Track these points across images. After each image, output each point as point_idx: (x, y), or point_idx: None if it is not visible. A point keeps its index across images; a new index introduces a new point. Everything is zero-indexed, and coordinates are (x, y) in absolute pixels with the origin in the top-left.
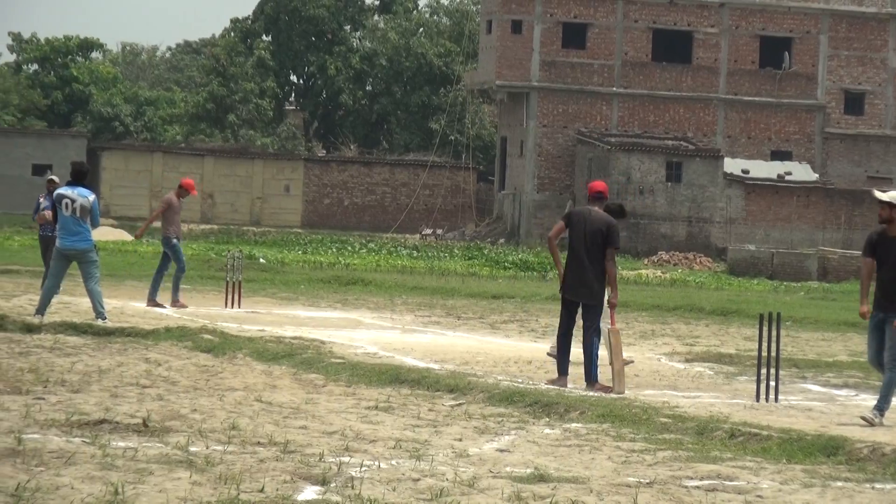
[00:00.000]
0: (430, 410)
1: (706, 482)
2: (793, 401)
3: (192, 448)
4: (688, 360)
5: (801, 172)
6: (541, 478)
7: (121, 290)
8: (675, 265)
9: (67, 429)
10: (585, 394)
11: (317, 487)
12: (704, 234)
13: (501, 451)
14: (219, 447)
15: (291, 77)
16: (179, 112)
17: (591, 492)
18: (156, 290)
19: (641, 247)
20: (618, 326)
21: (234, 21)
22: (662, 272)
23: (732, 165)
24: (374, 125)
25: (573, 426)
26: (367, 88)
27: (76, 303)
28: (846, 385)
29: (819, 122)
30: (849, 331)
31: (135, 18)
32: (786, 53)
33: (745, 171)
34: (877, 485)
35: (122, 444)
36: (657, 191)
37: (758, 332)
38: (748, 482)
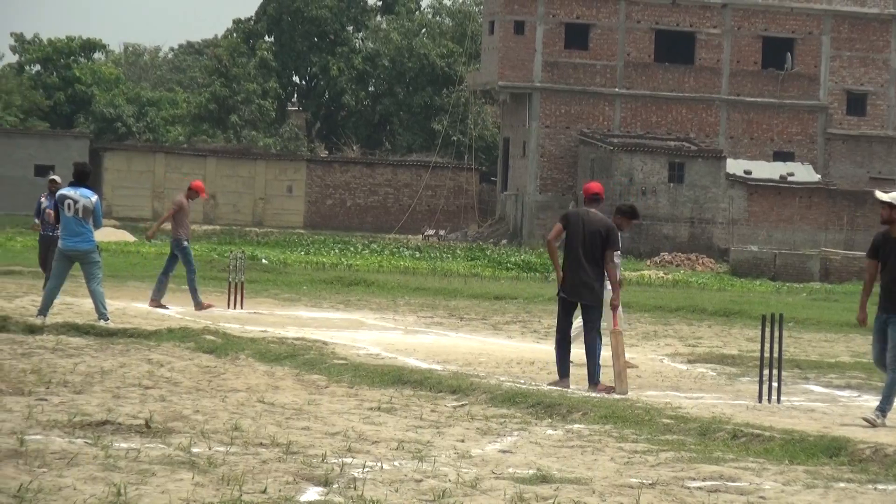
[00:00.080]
0: (433, 411)
1: (709, 483)
2: (795, 402)
3: (195, 449)
4: (690, 361)
5: (804, 173)
6: (543, 479)
7: (123, 291)
8: (678, 266)
9: (70, 430)
10: (588, 395)
11: (319, 488)
12: (707, 235)
13: (504, 452)
14: (221, 448)
15: (294, 78)
16: (182, 113)
17: (594, 493)
18: (159, 291)
19: (644, 248)
20: (620, 328)
21: (237, 22)
22: (665, 273)
23: (735, 166)
24: (377, 126)
25: (576, 427)
26: (370, 89)
27: (78, 304)
28: (848, 386)
29: (821, 123)
30: (851, 332)
31: (137, 19)
32: (788, 54)
33: (748, 172)
34: (879, 486)
35: (125, 445)
36: (659, 192)
37: (760, 333)
38: (751, 483)
